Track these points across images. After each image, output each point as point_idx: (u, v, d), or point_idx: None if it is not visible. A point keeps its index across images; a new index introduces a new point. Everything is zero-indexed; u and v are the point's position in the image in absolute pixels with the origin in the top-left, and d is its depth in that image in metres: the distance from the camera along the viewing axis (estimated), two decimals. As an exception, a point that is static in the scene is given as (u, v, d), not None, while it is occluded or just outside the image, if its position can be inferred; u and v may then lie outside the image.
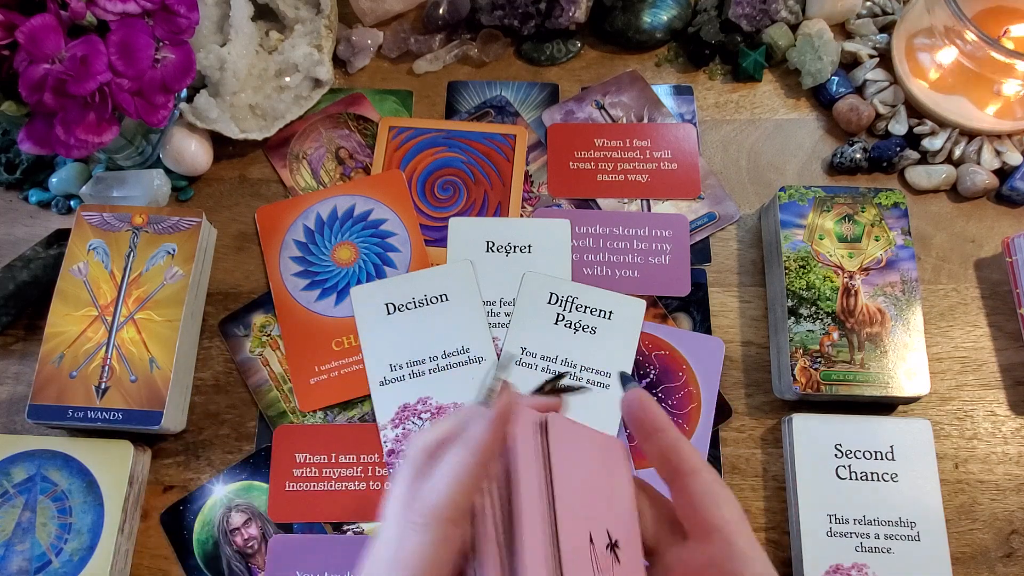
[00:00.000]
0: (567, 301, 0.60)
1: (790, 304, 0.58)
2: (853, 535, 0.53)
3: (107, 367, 0.56)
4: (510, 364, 0.33)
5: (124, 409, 0.55)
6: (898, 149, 0.65)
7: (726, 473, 0.57)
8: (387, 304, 0.61)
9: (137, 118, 0.57)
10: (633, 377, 0.37)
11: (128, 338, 0.57)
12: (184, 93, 0.65)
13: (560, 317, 0.60)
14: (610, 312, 0.60)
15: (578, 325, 0.60)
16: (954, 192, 0.66)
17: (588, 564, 0.29)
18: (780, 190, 0.61)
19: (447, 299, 0.61)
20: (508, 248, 0.63)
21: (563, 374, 0.36)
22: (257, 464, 0.57)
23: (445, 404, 0.58)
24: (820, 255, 0.59)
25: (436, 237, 0.64)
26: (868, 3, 0.72)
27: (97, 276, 0.58)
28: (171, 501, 0.57)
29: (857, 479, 0.54)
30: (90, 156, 0.64)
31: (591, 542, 0.29)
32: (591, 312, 0.60)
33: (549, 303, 0.60)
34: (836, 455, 0.55)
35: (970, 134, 0.66)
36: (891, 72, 0.68)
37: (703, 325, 0.61)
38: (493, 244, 0.63)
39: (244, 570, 0.55)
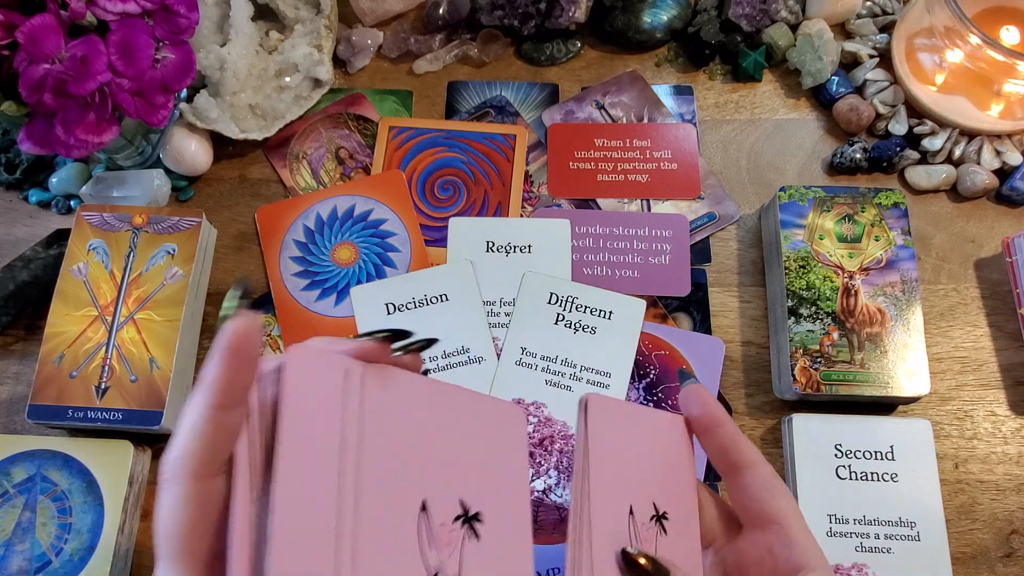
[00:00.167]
0: (567, 301, 0.61)
1: (790, 304, 0.58)
2: (853, 535, 0.53)
3: (107, 367, 0.56)
4: (245, 286, 0.27)
5: (124, 409, 0.55)
6: (898, 149, 0.65)
7: (726, 473, 0.58)
8: (387, 304, 0.61)
9: (137, 118, 0.57)
10: (691, 374, 0.36)
11: (128, 338, 0.57)
12: (184, 93, 0.65)
13: (560, 317, 0.60)
14: (610, 312, 0.60)
15: (578, 325, 0.60)
16: (954, 192, 0.66)
17: (413, 530, 0.26)
18: (780, 190, 0.61)
19: (447, 299, 0.61)
20: (508, 248, 0.63)
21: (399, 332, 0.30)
22: (257, 464, 0.57)
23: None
24: (820, 255, 0.59)
25: (436, 237, 0.64)
26: (868, 3, 0.72)
27: (97, 276, 0.58)
28: (171, 501, 0.57)
29: (857, 479, 0.54)
30: (90, 156, 0.64)
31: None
32: (591, 312, 0.60)
33: (549, 303, 0.61)
34: (836, 455, 0.55)
35: (970, 134, 0.66)
36: (891, 72, 0.68)
37: (703, 325, 0.61)
38: (493, 244, 0.63)
39: (244, 570, 0.55)
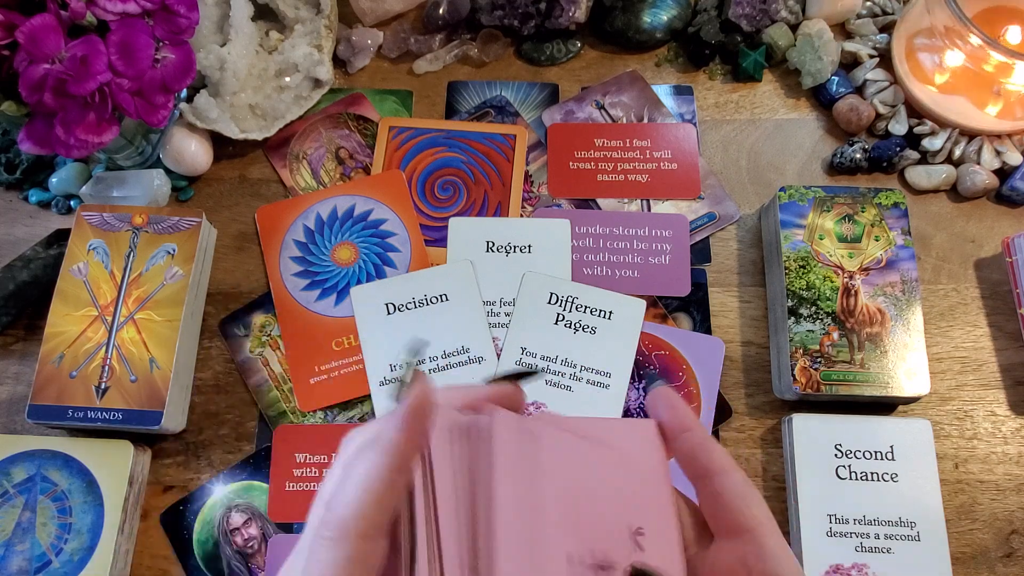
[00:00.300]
0: (567, 301, 0.61)
1: (790, 304, 0.58)
2: (853, 535, 0.53)
3: (107, 367, 0.56)
4: (421, 348, 0.28)
5: (124, 409, 0.55)
6: (898, 149, 0.65)
7: (726, 473, 0.57)
8: (387, 304, 0.61)
9: (137, 118, 0.57)
10: (658, 377, 0.35)
11: (128, 338, 0.57)
12: (184, 93, 0.65)
13: (560, 317, 0.60)
14: (610, 312, 0.60)
15: (578, 325, 0.60)
16: (954, 192, 0.66)
17: None
18: (780, 190, 0.61)
19: (447, 299, 0.61)
20: (508, 248, 0.63)
21: (525, 372, 0.31)
22: (257, 464, 0.57)
23: (445, 404, 0.58)
24: (820, 255, 0.59)
25: (436, 237, 0.64)
26: (868, 3, 0.72)
27: (97, 276, 0.58)
28: (171, 501, 0.57)
29: (857, 479, 0.54)
30: (90, 156, 0.64)
31: (593, 560, 0.28)
32: (591, 312, 0.60)
33: (549, 303, 0.60)
34: (836, 455, 0.55)
35: (970, 134, 0.66)
36: (891, 72, 0.68)
37: (703, 325, 0.61)
38: (493, 244, 0.63)
39: (244, 570, 0.55)
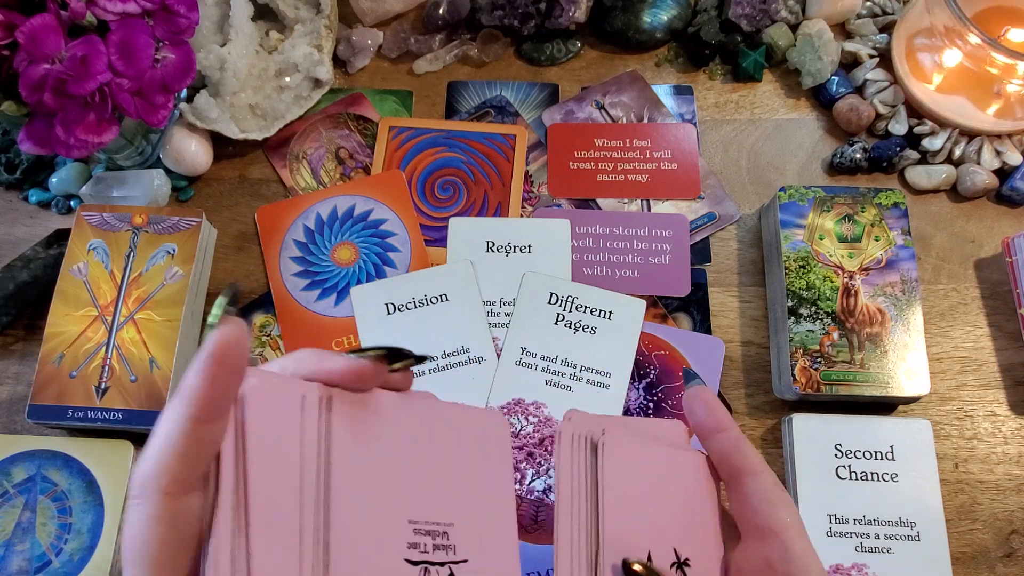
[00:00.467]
0: (567, 301, 0.61)
1: (790, 304, 0.58)
2: (853, 535, 0.53)
3: (107, 367, 0.56)
4: (236, 294, 0.25)
5: (124, 409, 0.55)
6: (898, 149, 0.65)
7: (726, 473, 0.57)
8: (387, 304, 0.61)
9: (137, 118, 0.57)
10: (697, 375, 0.34)
11: (128, 338, 0.57)
12: (184, 93, 0.65)
13: (560, 317, 0.60)
14: (610, 312, 0.60)
15: (578, 325, 0.60)
16: (954, 192, 0.66)
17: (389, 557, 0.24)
18: (780, 190, 0.61)
19: (447, 299, 0.61)
20: (508, 248, 0.63)
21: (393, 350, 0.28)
22: (257, 464, 0.57)
23: (445, 404, 0.58)
24: (820, 255, 0.59)
25: (436, 237, 0.64)
26: (868, 3, 0.72)
27: (97, 276, 0.58)
28: (171, 501, 0.57)
29: (857, 479, 0.54)
30: (90, 156, 0.64)
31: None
32: (591, 312, 0.60)
33: (549, 303, 0.61)
34: (836, 455, 0.55)
35: (970, 134, 0.66)
36: (891, 72, 0.68)
37: (703, 325, 0.61)
38: (493, 244, 0.63)
39: (244, 570, 0.55)
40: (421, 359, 0.29)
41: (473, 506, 0.28)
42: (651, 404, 0.58)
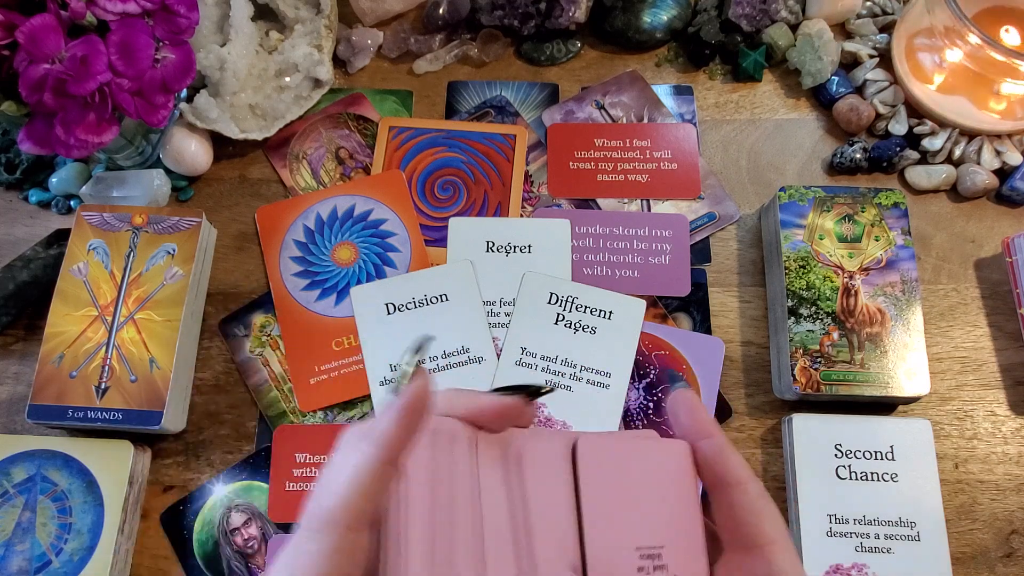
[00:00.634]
0: (567, 301, 0.61)
1: (790, 304, 0.58)
2: (853, 535, 0.53)
3: (107, 367, 0.56)
4: (426, 345, 0.28)
5: (124, 409, 0.55)
6: (898, 149, 0.65)
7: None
8: (387, 304, 0.61)
9: (137, 118, 0.57)
10: (681, 377, 0.34)
11: (128, 338, 0.57)
12: (184, 93, 0.65)
13: (560, 317, 0.60)
14: (610, 312, 0.60)
15: (578, 325, 0.60)
16: (954, 192, 0.66)
17: None
18: (780, 190, 0.61)
19: (447, 299, 0.61)
20: (508, 248, 0.63)
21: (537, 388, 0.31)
22: (257, 464, 0.57)
23: (445, 404, 0.58)
24: (820, 255, 0.59)
25: (436, 237, 0.64)
26: (868, 3, 0.72)
27: (97, 276, 0.58)
28: (171, 501, 0.57)
29: (857, 479, 0.54)
30: (90, 156, 0.64)
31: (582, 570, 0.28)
32: (591, 312, 0.60)
33: (549, 303, 0.60)
34: (836, 455, 0.55)
35: (970, 134, 0.66)
36: (891, 72, 0.68)
37: (703, 325, 0.61)
38: (493, 244, 0.63)
39: (244, 570, 0.55)
40: (551, 390, 0.31)
41: (674, 526, 0.30)
42: (651, 404, 0.58)
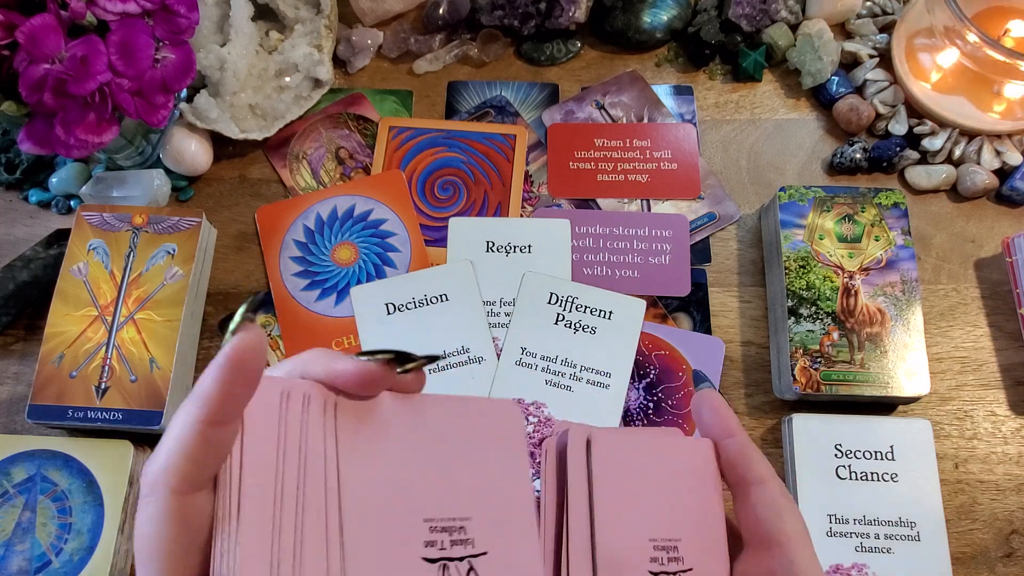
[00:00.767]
0: (567, 301, 0.61)
1: (790, 304, 0.58)
2: (853, 535, 0.53)
3: (107, 367, 0.56)
4: (256, 302, 0.25)
5: (124, 409, 0.55)
6: (898, 149, 0.65)
7: (726, 473, 0.57)
8: (387, 304, 0.61)
9: (137, 118, 0.57)
10: (706, 377, 0.34)
11: (128, 338, 0.57)
12: (184, 93, 0.65)
13: (560, 317, 0.60)
14: (610, 312, 0.60)
15: (578, 325, 0.60)
16: (954, 192, 0.66)
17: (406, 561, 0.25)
18: (780, 190, 0.61)
19: (447, 299, 0.61)
20: (508, 248, 0.63)
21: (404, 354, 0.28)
22: (257, 464, 0.57)
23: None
24: (820, 255, 0.59)
25: (436, 237, 0.64)
26: (868, 3, 0.72)
27: (97, 276, 0.58)
28: (171, 501, 0.57)
29: (857, 479, 0.54)
30: (90, 156, 0.64)
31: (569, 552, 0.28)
32: (591, 312, 0.60)
33: (549, 303, 0.61)
34: (836, 455, 0.55)
35: (970, 134, 0.66)
36: (891, 72, 0.68)
37: (703, 325, 0.61)
38: (493, 244, 0.63)
39: (244, 570, 0.55)
40: (432, 359, 0.29)
41: (490, 498, 0.28)
42: (651, 404, 0.58)
